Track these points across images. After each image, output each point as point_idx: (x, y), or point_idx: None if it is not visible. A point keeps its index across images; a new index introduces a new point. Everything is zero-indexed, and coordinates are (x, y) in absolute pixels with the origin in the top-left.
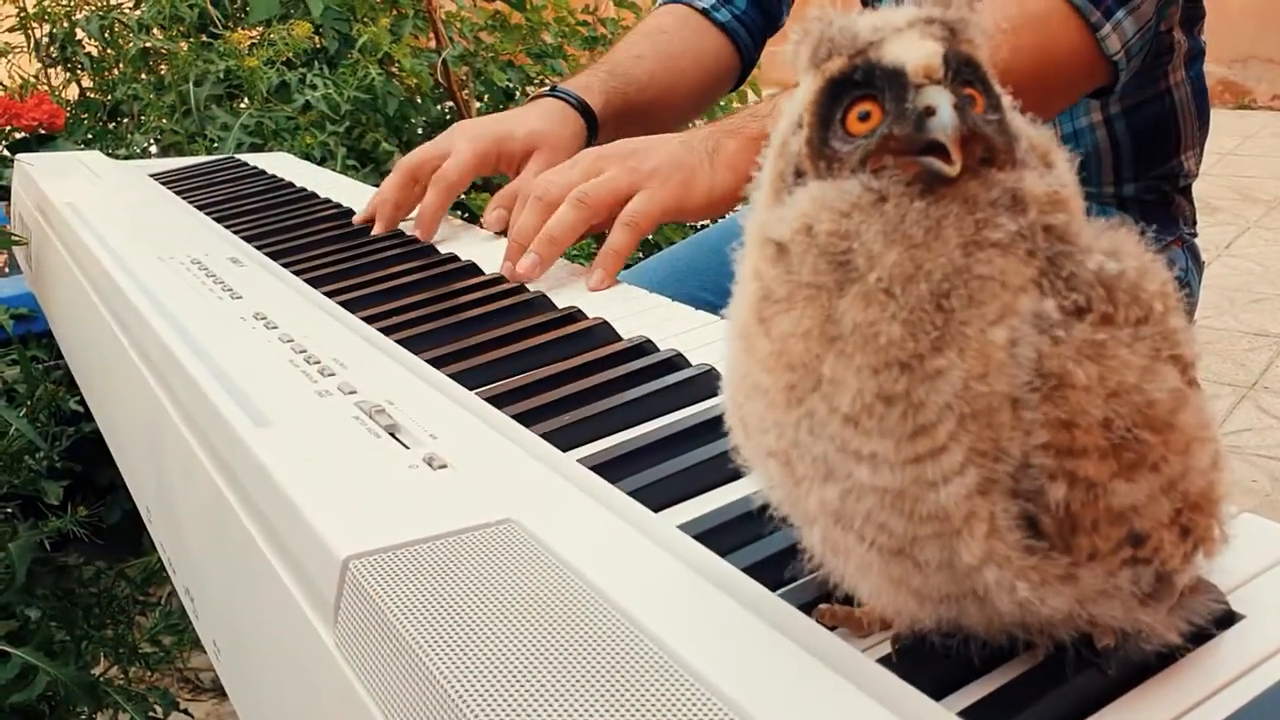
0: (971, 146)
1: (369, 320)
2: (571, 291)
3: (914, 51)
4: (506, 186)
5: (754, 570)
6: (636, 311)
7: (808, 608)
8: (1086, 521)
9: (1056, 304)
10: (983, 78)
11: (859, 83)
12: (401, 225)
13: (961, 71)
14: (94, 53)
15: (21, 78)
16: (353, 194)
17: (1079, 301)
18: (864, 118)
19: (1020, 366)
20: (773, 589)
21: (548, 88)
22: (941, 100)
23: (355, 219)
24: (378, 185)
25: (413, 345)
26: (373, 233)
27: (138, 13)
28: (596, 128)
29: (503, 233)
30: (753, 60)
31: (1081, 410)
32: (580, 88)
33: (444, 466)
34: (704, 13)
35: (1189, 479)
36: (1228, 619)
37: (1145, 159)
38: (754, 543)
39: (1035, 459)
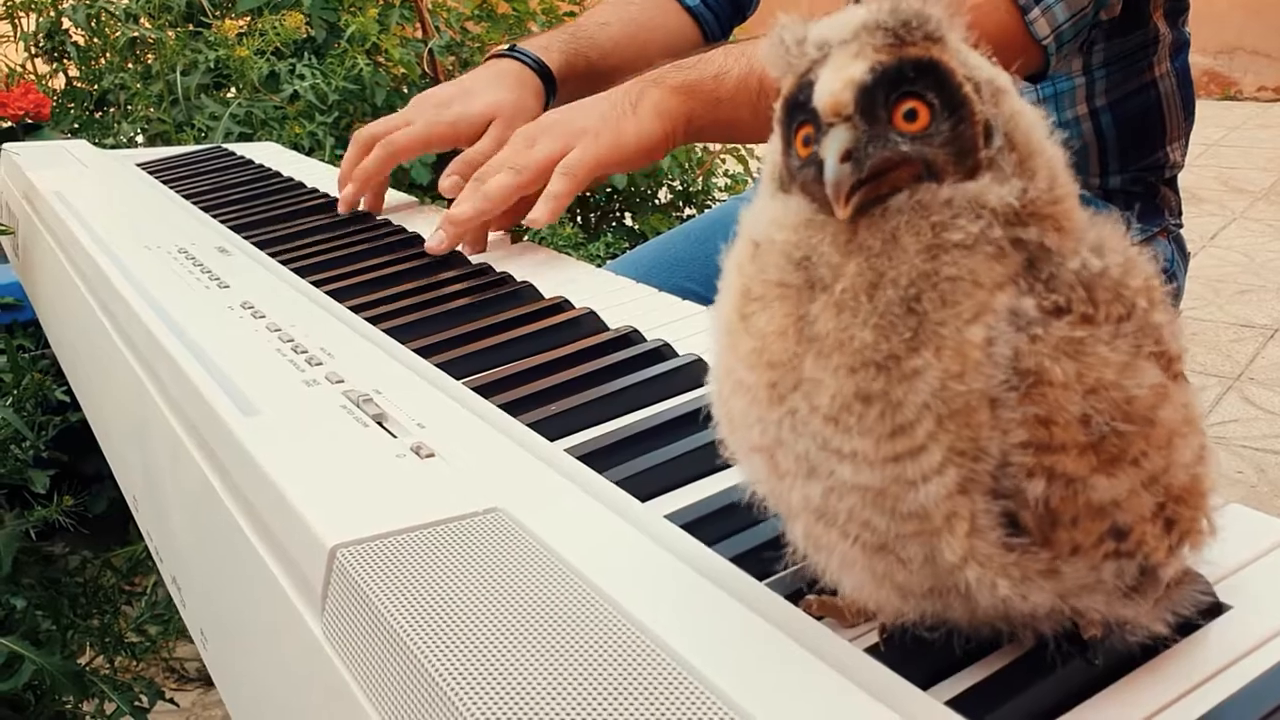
0: (897, 171)
1: (356, 310)
2: (559, 281)
3: (826, 85)
4: (462, 154)
5: (741, 560)
6: (623, 301)
7: (794, 597)
8: (1066, 517)
9: (1035, 303)
10: (939, 80)
11: (803, 104)
12: (394, 219)
13: (901, 84)
14: (81, 42)
15: (8, 67)
16: None
17: (1059, 302)
18: (807, 142)
19: (998, 365)
20: (759, 578)
21: (505, 46)
22: (830, 151)
23: (340, 208)
24: None
25: (400, 335)
26: (340, 206)
27: (125, 2)
28: (555, 88)
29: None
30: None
31: (1059, 407)
32: (539, 48)
33: (431, 455)
34: None
35: (1172, 473)
36: (1215, 610)
37: (1131, 150)
38: (741, 532)
39: (1015, 458)
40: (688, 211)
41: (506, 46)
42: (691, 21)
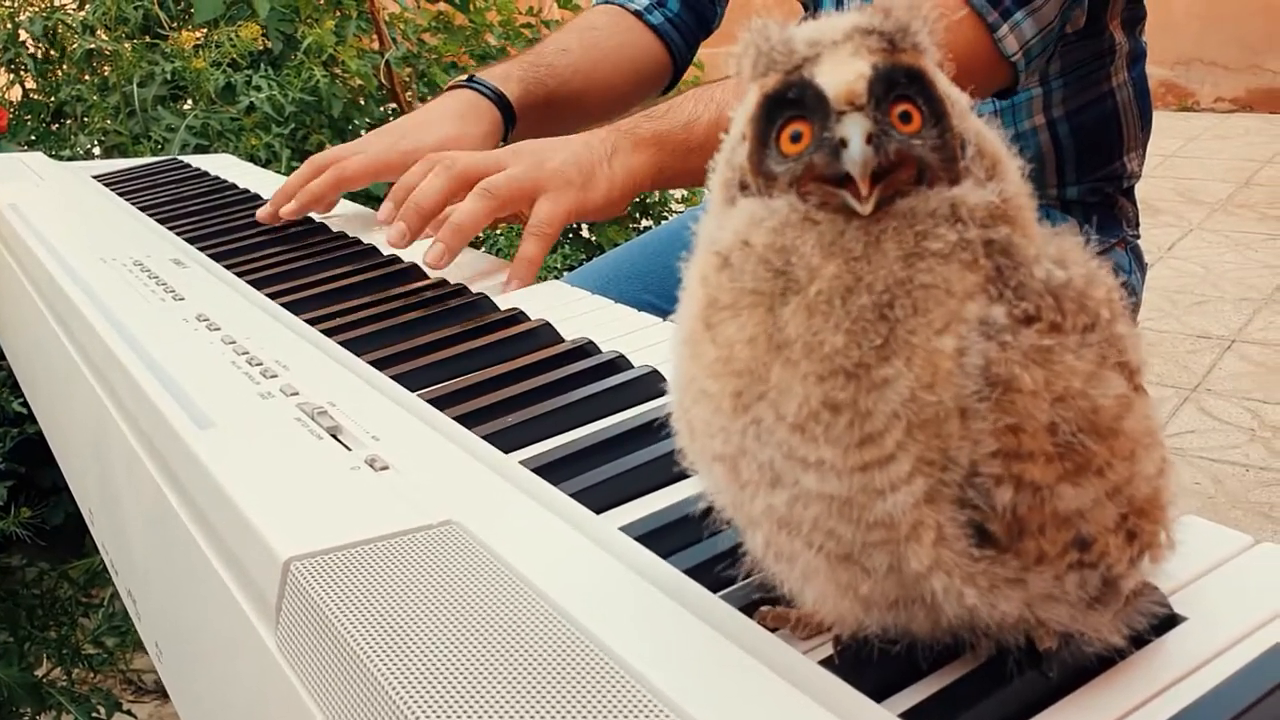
0: (898, 172)
1: (311, 322)
2: (515, 293)
3: (837, 75)
4: (399, 181)
5: (695, 572)
6: (579, 314)
7: (749, 609)
8: (1033, 525)
9: (1006, 311)
10: (925, 89)
11: (792, 101)
12: (350, 230)
13: (897, 87)
14: (37, 54)
15: None
16: None
17: (1028, 310)
18: (795, 139)
19: (969, 376)
20: (714, 591)
21: (465, 76)
22: (854, 133)
23: (258, 213)
24: None
25: (355, 347)
26: (258, 214)
27: (82, 14)
28: (514, 119)
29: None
30: (686, 62)
31: (1028, 415)
32: (498, 78)
33: (386, 468)
34: (637, 14)
35: (1135, 485)
36: (1170, 621)
37: (1088, 161)
38: (695, 545)
39: (984, 468)
40: (644, 223)
41: (466, 77)
42: (658, 41)
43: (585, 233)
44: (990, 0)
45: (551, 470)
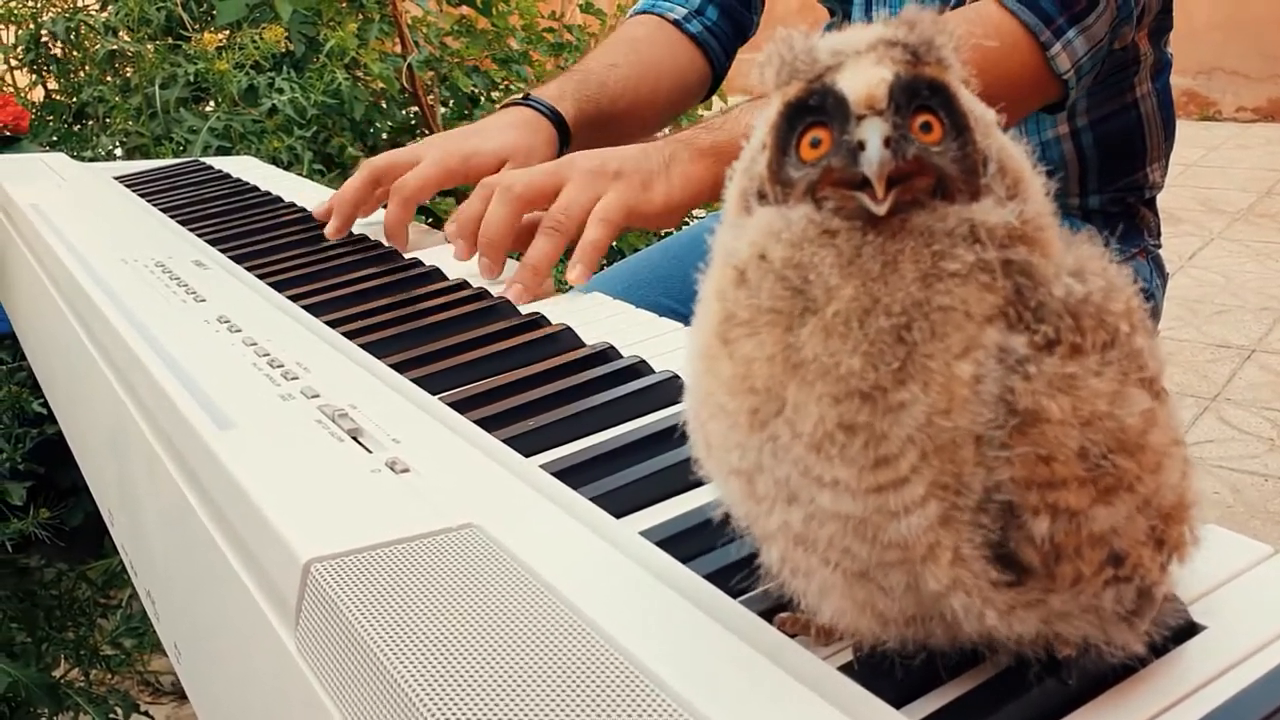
0: (916, 180)
1: (333, 324)
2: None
3: (859, 80)
4: (463, 213)
5: (715, 577)
6: (600, 318)
7: (768, 615)
8: (1070, 549)
9: (1026, 339)
10: (947, 102)
11: (814, 108)
12: (370, 234)
13: (919, 97)
14: (60, 55)
15: None
16: (318, 198)
17: (1048, 334)
18: (815, 145)
19: (985, 404)
20: (734, 596)
21: (520, 95)
22: (872, 134)
23: (314, 212)
24: None
25: (376, 350)
26: (326, 231)
27: (104, 15)
28: (569, 137)
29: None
30: (724, 70)
31: (1059, 443)
32: (553, 97)
33: (406, 471)
34: (676, 24)
35: (1162, 494)
36: (1189, 630)
37: (1111, 171)
38: (715, 550)
39: (1001, 494)
40: (659, 228)
41: (521, 96)
42: (697, 51)
43: None
44: (1043, 19)
45: (572, 474)
